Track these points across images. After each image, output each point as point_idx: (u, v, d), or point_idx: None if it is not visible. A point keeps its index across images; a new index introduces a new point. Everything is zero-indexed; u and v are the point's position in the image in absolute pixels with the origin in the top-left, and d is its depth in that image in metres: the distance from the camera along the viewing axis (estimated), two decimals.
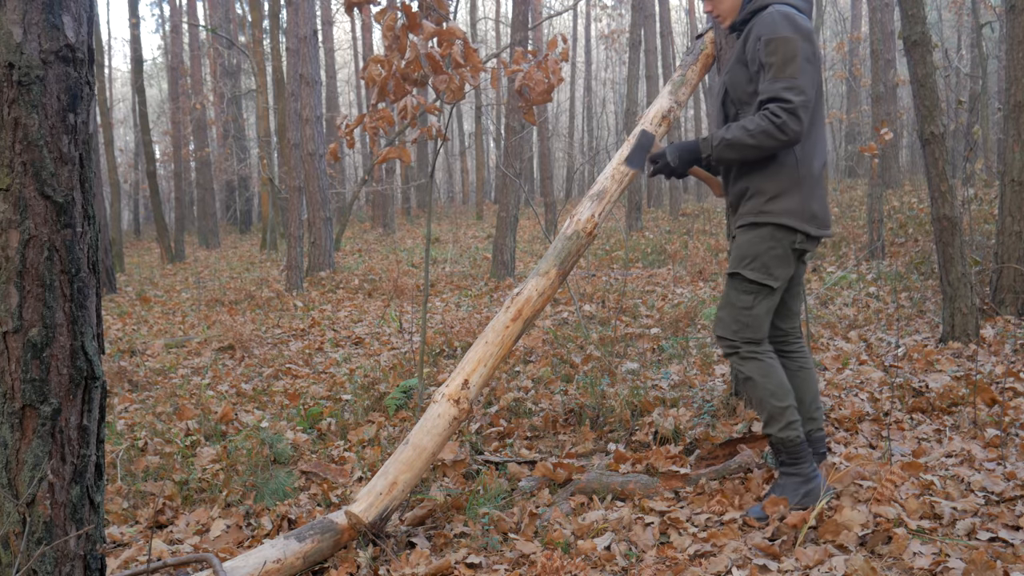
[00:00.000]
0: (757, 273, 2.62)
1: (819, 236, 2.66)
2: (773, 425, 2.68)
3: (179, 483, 3.42)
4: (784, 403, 2.66)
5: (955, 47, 19.65)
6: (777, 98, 2.51)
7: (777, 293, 2.67)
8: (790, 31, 2.52)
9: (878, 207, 8.57)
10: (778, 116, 2.49)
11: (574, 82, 25.99)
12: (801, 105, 2.49)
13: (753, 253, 2.63)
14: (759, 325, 2.66)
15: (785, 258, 2.63)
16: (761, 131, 2.52)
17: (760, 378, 2.66)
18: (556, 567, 2.35)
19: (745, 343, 2.67)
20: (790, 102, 2.48)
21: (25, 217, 1.79)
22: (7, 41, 1.76)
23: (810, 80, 2.52)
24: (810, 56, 2.53)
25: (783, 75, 2.50)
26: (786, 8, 2.59)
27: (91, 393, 1.90)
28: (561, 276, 3.00)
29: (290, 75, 10.99)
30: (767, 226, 2.61)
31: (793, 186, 2.59)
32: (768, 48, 2.53)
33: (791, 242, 2.61)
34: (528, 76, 3.61)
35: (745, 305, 2.65)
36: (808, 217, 2.61)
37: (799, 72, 2.50)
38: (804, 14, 2.66)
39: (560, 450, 3.54)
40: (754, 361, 2.67)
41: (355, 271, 11.39)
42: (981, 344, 4.64)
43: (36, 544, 1.83)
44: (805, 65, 2.51)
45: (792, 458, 2.68)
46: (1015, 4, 5.24)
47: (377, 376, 4.97)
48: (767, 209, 2.61)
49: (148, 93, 33.07)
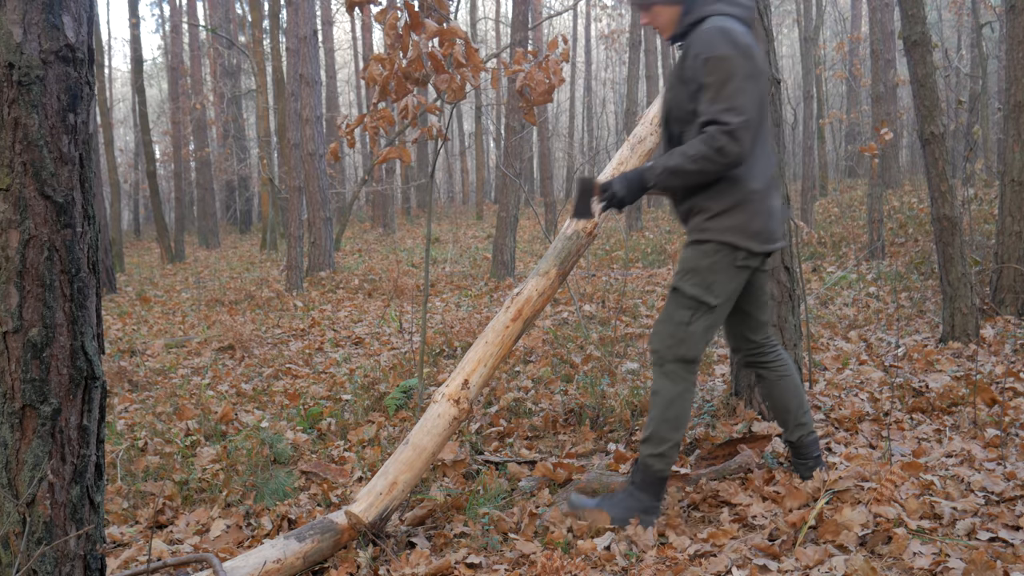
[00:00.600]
0: (696, 289, 2.58)
1: (764, 252, 2.61)
2: (649, 446, 2.65)
3: (179, 483, 3.42)
4: (672, 435, 2.62)
5: (955, 47, 19.65)
6: (716, 121, 2.45)
7: (718, 312, 2.61)
8: (728, 49, 2.45)
9: (878, 207, 8.57)
10: (717, 140, 2.44)
11: (574, 82, 25.99)
12: (740, 126, 2.43)
13: (694, 268, 2.59)
14: (694, 343, 2.60)
15: (728, 275, 2.58)
16: (701, 156, 2.47)
17: (665, 398, 2.62)
18: (556, 567, 2.35)
19: (675, 360, 2.62)
20: (728, 124, 2.43)
21: (25, 217, 1.79)
22: (7, 41, 1.76)
23: (750, 99, 2.46)
24: (750, 73, 2.46)
25: (721, 96, 2.45)
26: (724, 22, 2.51)
27: (91, 393, 1.90)
28: (561, 276, 3.00)
29: (290, 75, 10.99)
30: (710, 243, 2.58)
31: (736, 204, 2.55)
32: (706, 68, 2.47)
33: (734, 259, 2.57)
34: (529, 76, 3.61)
35: (682, 320, 2.60)
36: (751, 234, 2.56)
37: (738, 92, 2.44)
38: (745, 23, 2.59)
39: (560, 450, 3.54)
40: (670, 381, 2.62)
41: (355, 271, 11.40)
42: (981, 344, 4.64)
43: (36, 544, 1.83)
44: (744, 84, 2.45)
45: (645, 484, 2.66)
46: (1015, 4, 5.24)
47: (377, 376, 4.97)
48: (709, 227, 2.58)
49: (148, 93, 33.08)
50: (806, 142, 12.05)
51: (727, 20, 2.53)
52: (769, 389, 2.90)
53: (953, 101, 14.20)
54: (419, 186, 22.23)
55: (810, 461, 2.87)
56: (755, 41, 2.56)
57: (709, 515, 2.78)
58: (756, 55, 2.51)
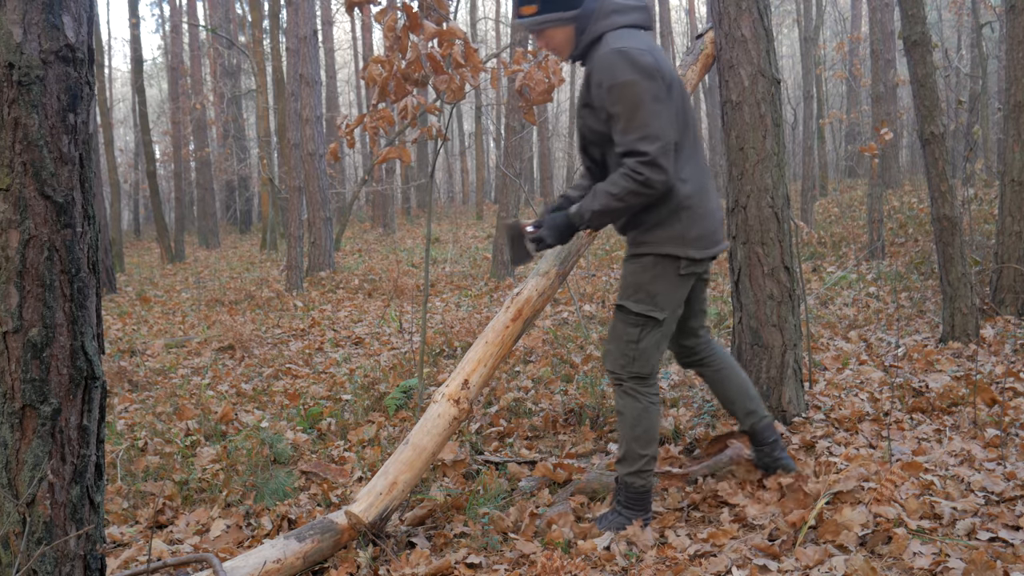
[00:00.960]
0: (642, 305, 2.54)
1: (707, 257, 2.57)
2: (624, 465, 2.65)
3: (179, 483, 3.42)
4: (644, 451, 2.61)
5: (955, 47, 19.65)
6: (633, 152, 2.38)
7: (666, 325, 2.59)
8: (630, 74, 2.35)
9: (878, 207, 8.57)
10: (639, 172, 2.37)
11: (574, 82, 25.97)
12: (659, 153, 2.36)
13: (636, 284, 2.55)
14: (647, 359, 2.59)
15: (672, 285, 2.55)
16: (627, 192, 2.41)
17: (630, 417, 2.61)
18: (556, 567, 2.35)
19: (631, 378, 2.61)
20: (646, 154, 2.36)
21: (25, 217, 1.79)
22: (7, 41, 1.76)
23: (664, 120, 2.38)
24: (657, 95, 2.37)
25: (633, 126, 2.36)
26: (622, 41, 2.39)
27: (91, 393, 1.90)
28: (561, 276, 3.00)
29: (290, 75, 10.99)
30: (648, 256, 2.53)
31: (671, 215, 2.50)
32: (611, 97, 2.38)
33: (676, 268, 2.53)
34: (528, 76, 3.61)
35: (632, 338, 2.57)
36: (690, 241, 2.51)
37: (650, 118, 2.35)
38: (642, 27, 2.49)
39: (560, 450, 3.54)
40: (632, 399, 2.61)
41: (355, 271, 11.39)
42: (981, 344, 4.64)
43: (36, 544, 1.83)
44: (654, 106, 2.36)
45: (630, 502, 2.66)
46: (1015, 4, 5.24)
47: (377, 376, 4.97)
48: (646, 240, 2.53)
49: (148, 93, 33.07)
50: (806, 142, 12.05)
51: (624, 36, 2.42)
52: (711, 385, 2.92)
53: (953, 101, 14.19)
54: (419, 186, 22.23)
55: (766, 447, 2.88)
56: (654, 48, 2.45)
57: (709, 515, 2.78)
58: (661, 68, 2.40)
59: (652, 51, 2.43)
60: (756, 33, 3.39)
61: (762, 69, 3.40)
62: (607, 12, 2.45)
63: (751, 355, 3.48)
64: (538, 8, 2.44)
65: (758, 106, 3.40)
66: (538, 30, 2.52)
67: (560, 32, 2.49)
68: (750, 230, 3.42)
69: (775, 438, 2.89)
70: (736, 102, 3.43)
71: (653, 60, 2.40)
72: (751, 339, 3.47)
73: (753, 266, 3.44)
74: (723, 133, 3.55)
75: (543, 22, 2.47)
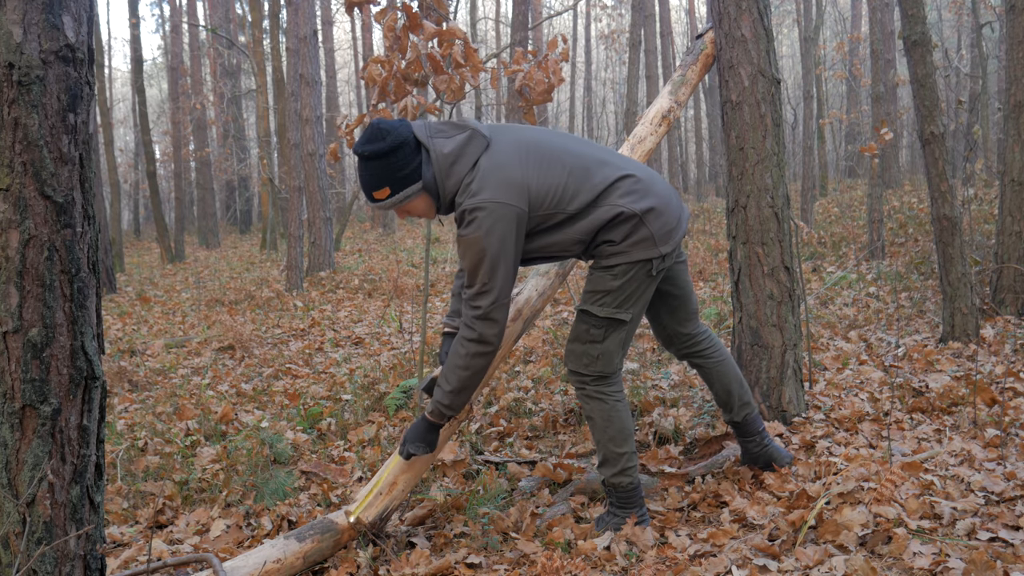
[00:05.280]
0: (607, 309, 2.52)
1: (674, 248, 2.55)
2: (607, 468, 2.64)
3: (179, 483, 3.42)
4: (622, 449, 2.60)
5: (955, 47, 19.65)
6: (470, 305, 2.40)
7: (631, 324, 2.57)
8: (474, 230, 2.33)
9: (878, 207, 8.57)
10: (474, 328, 2.39)
11: (574, 82, 25.99)
12: (492, 307, 2.37)
13: (605, 289, 2.52)
14: (610, 359, 2.58)
15: (642, 288, 2.53)
16: (469, 355, 2.43)
17: (601, 420, 2.60)
18: (556, 567, 2.35)
19: (595, 379, 2.59)
20: (479, 308, 2.38)
21: (25, 217, 1.79)
22: (7, 41, 1.76)
23: (502, 273, 2.35)
24: (498, 250, 2.33)
25: (473, 280, 2.38)
26: (469, 199, 2.34)
27: (91, 393, 1.90)
28: (561, 276, 3.00)
29: (290, 75, 10.99)
30: (620, 266, 2.50)
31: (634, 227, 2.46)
32: (458, 247, 2.40)
33: (648, 270, 2.51)
34: (528, 76, 3.61)
35: (595, 339, 2.56)
36: (658, 240, 2.48)
37: (487, 274, 2.35)
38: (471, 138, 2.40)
39: (560, 450, 3.54)
40: (598, 401, 2.60)
41: (355, 271, 11.39)
42: (981, 344, 4.64)
43: (36, 544, 1.83)
44: (496, 261, 2.34)
45: (622, 502, 2.66)
46: (1015, 4, 5.24)
47: (377, 376, 4.97)
48: (618, 251, 2.49)
49: (148, 93, 33.07)
50: (806, 142, 12.05)
51: (474, 185, 2.36)
52: (709, 376, 2.89)
53: (953, 101, 14.20)
54: None
55: (756, 436, 2.90)
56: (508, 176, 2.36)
57: (709, 515, 2.78)
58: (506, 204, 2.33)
59: (492, 188, 2.34)
60: (756, 33, 3.39)
61: (762, 69, 3.40)
62: (445, 166, 2.40)
63: (751, 355, 3.48)
64: (391, 190, 2.41)
65: (758, 106, 3.40)
66: (396, 207, 2.49)
67: (419, 201, 2.47)
68: (750, 230, 3.42)
69: (762, 427, 2.94)
70: (736, 102, 3.43)
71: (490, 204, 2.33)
72: (751, 339, 3.47)
73: (753, 266, 3.44)
74: (723, 133, 3.55)
75: (402, 199, 2.44)
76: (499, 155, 2.42)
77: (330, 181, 15.74)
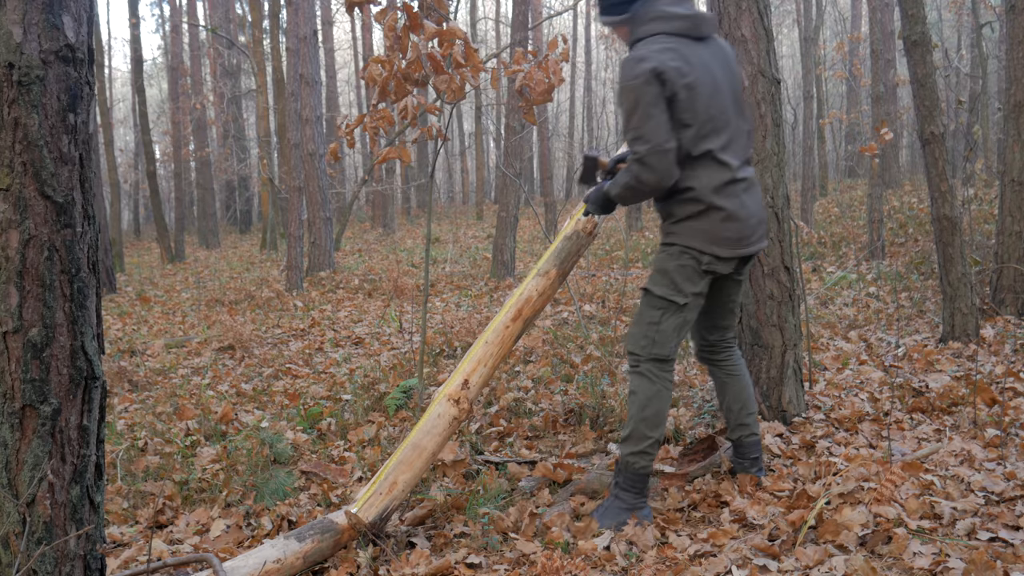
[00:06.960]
0: (664, 289, 2.67)
1: (735, 256, 2.67)
2: (628, 444, 2.71)
3: (179, 483, 3.42)
4: (651, 433, 2.68)
5: (955, 47, 19.64)
6: (630, 149, 2.59)
7: (687, 311, 2.69)
8: (630, 80, 2.52)
9: (878, 207, 8.57)
10: (632, 169, 2.59)
11: (574, 82, 25.98)
12: (649, 153, 2.53)
13: (663, 269, 2.69)
14: (666, 342, 2.68)
15: (693, 275, 2.66)
16: (625, 185, 2.64)
17: (642, 397, 2.69)
18: (556, 567, 2.35)
19: (649, 360, 2.70)
20: (637, 153, 2.55)
21: (25, 217, 1.79)
22: (7, 41, 1.76)
23: (657, 124, 2.52)
24: (653, 99, 2.51)
25: (629, 125, 2.57)
26: (644, 49, 2.55)
27: (91, 393, 1.90)
28: (561, 276, 3.00)
29: (290, 75, 10.99)
30: (675, 246, 2.68)
31: (698, 213, 2.63)
32: (618, 97, 2.63)
33: (698, 263, 2.65)
34: (528, 76, 3.61)
35: (652, 320, 2.69)
36: (715, 240, 2.63)
37: (642, 120, 2.52)
38: (682, 35, 2.60)
39: (560, 450, 3.54)
40: (647, 380, 2.70)
41: (355, 271, 11.39)
42: (981, 344, 4.64)
43: (36, 544, 1.83)
44: (650, 110, 2.52)
45: (628, 484, 2.71)
46: (1015, 4, 5.24)
47: (377, 376, 4.97)
48: (675, 230, 2.68)
49: (148, 93, 33.06)
50: (806, 142, 12.04)
51: (652, 45, 2.56)
52: (717, 386, 2.99)
53: (953, 101, 14.19)
54: (419, 186, 22.23)
55: (747, 461, 2.96)
56: (683, 59, 2.54)
57: (709, 515, 2.78)
58: (666, 74, 2.50)
59: (662, 62, 2.52)
60: (756, 33, 3.39)
61: (762, 69, 3.40)
62: (647, 19, 2.63)
63: (751, 355, 3.48)
64: (600, 11, 2.74)
65: (758, 106, 3.40)
66: (611, 26, 2.78)
67: (621, 31, 2.75)
68: None
69: (757, 456, 2.95)
70: None
71: (654, 67, 2.51)
72: (751, 339, 3.47)
73: (753, 266, 3.44)
74: None
75: (607, 23, 2.75)
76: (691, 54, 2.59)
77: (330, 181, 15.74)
